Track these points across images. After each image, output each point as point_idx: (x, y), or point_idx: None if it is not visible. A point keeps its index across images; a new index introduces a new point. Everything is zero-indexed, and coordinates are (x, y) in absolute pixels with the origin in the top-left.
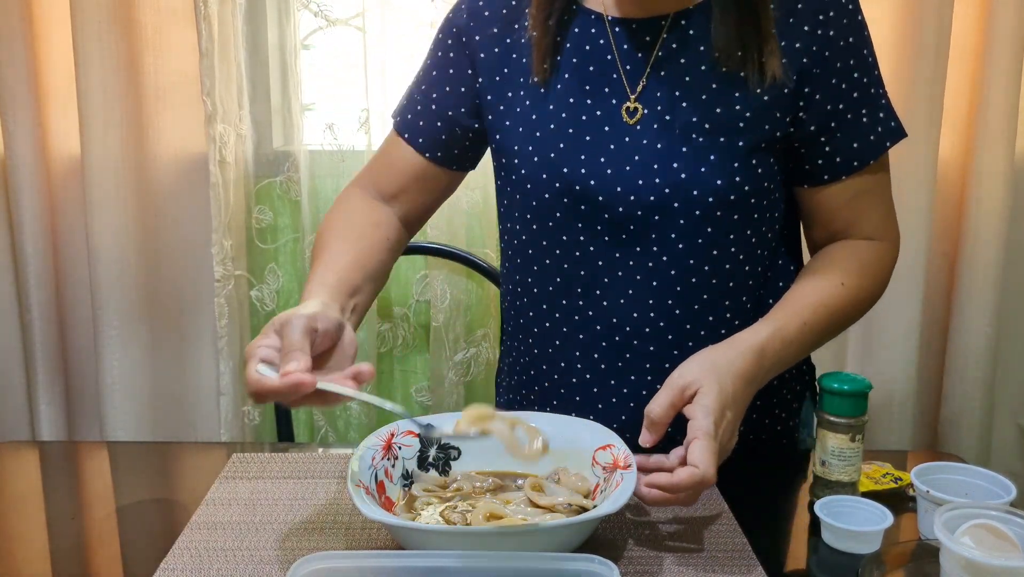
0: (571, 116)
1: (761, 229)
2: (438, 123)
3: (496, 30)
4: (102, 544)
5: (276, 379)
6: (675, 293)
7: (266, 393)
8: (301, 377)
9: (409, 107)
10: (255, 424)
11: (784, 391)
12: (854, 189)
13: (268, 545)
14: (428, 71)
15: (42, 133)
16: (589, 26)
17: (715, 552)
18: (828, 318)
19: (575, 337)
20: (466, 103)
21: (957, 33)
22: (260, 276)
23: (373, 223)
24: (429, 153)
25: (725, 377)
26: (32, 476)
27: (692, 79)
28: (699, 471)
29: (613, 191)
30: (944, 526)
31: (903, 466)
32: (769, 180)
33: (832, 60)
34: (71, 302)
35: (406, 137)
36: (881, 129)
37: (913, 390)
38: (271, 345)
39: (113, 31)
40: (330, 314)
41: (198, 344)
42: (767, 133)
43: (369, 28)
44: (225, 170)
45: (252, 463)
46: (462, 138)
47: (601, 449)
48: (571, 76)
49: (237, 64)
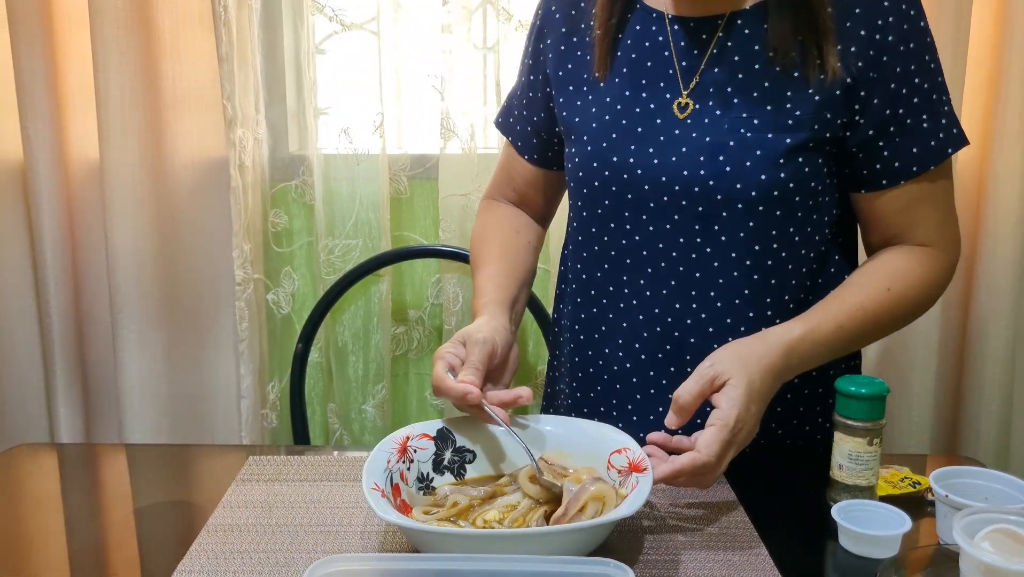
0: (625, 108)
1: (807, 230)
2: (528, 128)
3: (564, 30)
4: (120, 546)
5: (454, 383)
6: (717, 286)
7: (444, 391)
8: (469, 388)
9: (509, 111)
10: (273, 427)
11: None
12: (911, 195)
13: (284, 547)
14: (519, 76)
15: (61, 138)
16: (650, 24)
17: (731, 556)
18: (867, 322)
19: (618, 325)
20: (547, 107)
21: (975, 33)
22: (276, 279)
23: (514, 229)
24: (527, 156)
25: (754, 371)
26: (51, 478)
27: (745, 76)
28: (700, 456)
29: (658, 180)
30: (963, 531)
31: (922, 470)
32: (816, 181)
33: (890, 65)
34: (90, 305)
35: (510, 139)
36: (943, 136)
37: (931, 393)
38: (456, 354)
39: (131, 36)
40: (507, 338)
41: (216, 347)
42: (816, 133)
43: (383, 32)
44: (243, 174)
45: (268, 466)
46: (549, 141)
47: (616, 452)
48: (628, 70)
49: (254, 69)
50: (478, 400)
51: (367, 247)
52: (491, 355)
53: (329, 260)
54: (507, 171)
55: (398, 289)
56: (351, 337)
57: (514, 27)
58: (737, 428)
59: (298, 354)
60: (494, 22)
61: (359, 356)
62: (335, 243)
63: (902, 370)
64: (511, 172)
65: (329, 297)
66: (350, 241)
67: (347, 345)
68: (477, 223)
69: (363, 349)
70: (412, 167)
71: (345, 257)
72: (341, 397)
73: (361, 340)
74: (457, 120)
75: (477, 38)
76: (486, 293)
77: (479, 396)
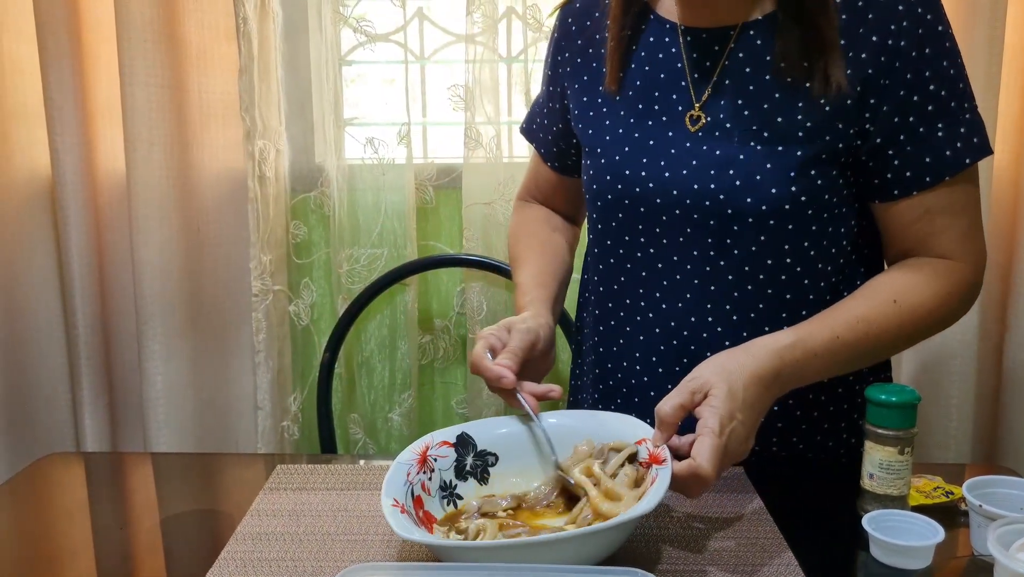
0: (637, 121)
1: (823, 243)
2: (548, 136)
3: (580, 42)
4: (149, 554)
5: (492, 364)
6: (732, 299)
7: (481, 370)
8: (505, 372)
9: (533, 118)
10: (295, 439)
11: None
12: (926, 205)
13: (312, 556)
14: (543, 84)
15: (89, 151)
16: (663, 35)
17: (759, 566)
18: (870, 335)
19: (636, 338)
20: (564, 118)
21: (1011, 33)
22: (296, 291)
23: (551, 228)
24: (550, 163)
25: (736, 381)
26: (78, 487)
27: (755, 88)
28: (695, 464)
29: (670, 194)
30: (998, 541)
31: (958, 480)
32: (830, 193)
33: (902, 71)
34: (116, 316)
35: (533, 145)
36: (960, 145)
37: (971, 403)
38: (499, 337)
39: (158, 49)
40: (549, 334)
41: (239, 357)
42: (828, 144)
43: (409, 43)
44: (265, 185)
45: (296, 474)
46: (567, 151)
47: (637, 443)
48: (642, 82)
49: (277, 80)
50: (512, 385)
51: (392, 256)
52: (532, 346)
53: (355, 270)
54: (534, 175)
55: (424, 298)
56: (377, 346)
57: (540, 36)
58: (725, 434)
59: (325, 363)
60: (518, 32)
61: (385, 365)
62: (360, 252)
63: (940, 379)
64: (537, 177)
65: (356, 306)
66: (376, 250)
67: (374, 354)
68: (513, 221)
69: (389, 358)
70: (438, 177)
71: (371, 266)
72: (367, 406)
73: (387, 348)
74: (481, 129)
75: (502, 48)
76: (529, 291)
77: (513, 381)
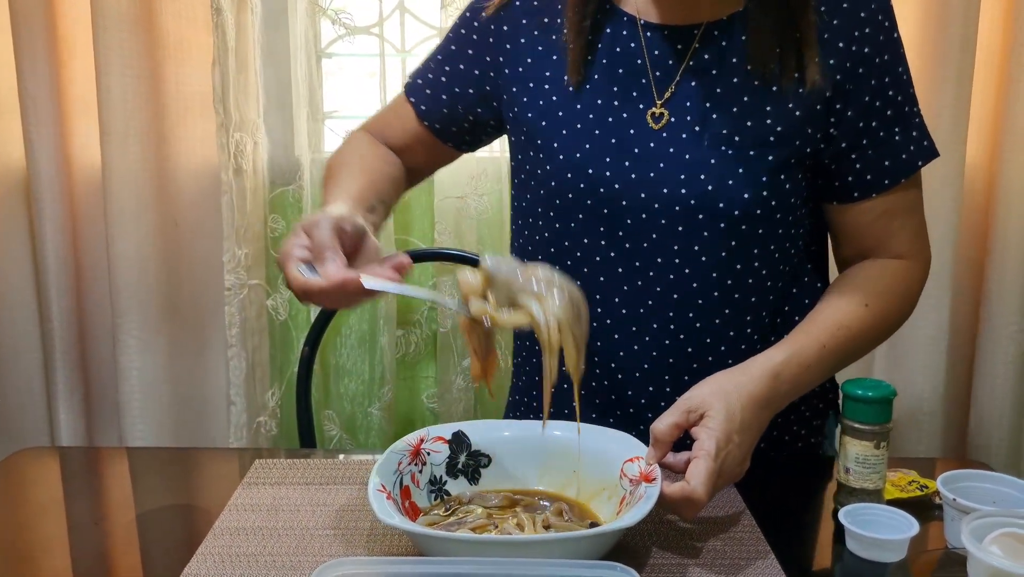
0: (598, 117)
1: (785, 245)
2: (443, 96)
3: (525, 21)
4: (125, 550)
5: (320, 280)
6: (696, 306)
7: (313, 294)
8: (346, 275)
9: (422, 73)
10: (272, 435)
11: (803, 408)
12: (884, 207)
13: (291, 550)
14: (447, 44)
15: (64, 143)
16: (621, 28)
17: (738, 560)
18: (850, 340)
19: (592, 345)
20: (477, 88)
21: (983, 33)
22: (275, 285)
23: (381, 159)
24: (428, 122)
25: (734, 402)
26: (53, 482)
27: (723, 91)
28: (688, 487)
29: (637, 196)
30: (971, 534)
31: (930, 474)
32: (796, 196)
33: (866, 77)
34: (91, 310)
35: (412, 101)
36: (913, 148)
37: (941, 398)
38: (303, 244)
39: (134, 40)
40: (355, 220)
41: (216, 352)
42: (797, 149)
43: (388, 36)
44: (242, 179)
45: (274, 469)
46: (462, 119)
47: (629, 461)
48: (600, 77)
49: (255, 73)
50: (358, 283)
51: None
52: (339, 233)
53: None
54: (394, 119)
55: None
56: (357, 341)
57: None
58: (720, 457)
59: (304, 358)
60: None
61: (364, 359)
62: None
63: (911, 373)
64: (398, 123)
65: None
66: None
67: (353, 349)
68: (341, 147)
69: (369, 352)
70: None
71: None
72: (345, 401)
73: (367, 343)
74: None
75: None
76: (334, 194)
77: (359, 280)
